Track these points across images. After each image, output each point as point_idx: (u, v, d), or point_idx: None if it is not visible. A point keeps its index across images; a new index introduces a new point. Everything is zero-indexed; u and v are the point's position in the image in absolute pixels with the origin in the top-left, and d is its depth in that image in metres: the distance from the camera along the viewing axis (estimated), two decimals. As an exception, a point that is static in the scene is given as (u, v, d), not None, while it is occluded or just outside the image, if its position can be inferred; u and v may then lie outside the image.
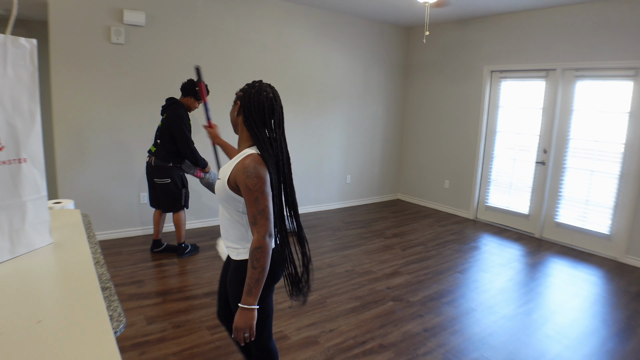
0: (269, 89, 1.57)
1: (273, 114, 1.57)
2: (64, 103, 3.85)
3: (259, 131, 1.55)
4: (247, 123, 1.57)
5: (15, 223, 1.13)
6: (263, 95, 1.55)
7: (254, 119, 1.55)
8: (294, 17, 5.15)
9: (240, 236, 1.62)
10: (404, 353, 2.54)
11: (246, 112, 1.56)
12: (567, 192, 4.75)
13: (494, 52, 5.27)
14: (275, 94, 1.59)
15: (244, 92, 1.58)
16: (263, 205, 1.49)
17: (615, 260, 4.32)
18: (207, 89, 2.72)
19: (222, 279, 1.86)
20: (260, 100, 1.54)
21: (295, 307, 3.05)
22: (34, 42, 1.14)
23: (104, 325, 0.84)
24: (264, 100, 1.54)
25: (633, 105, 4.15)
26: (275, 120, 1.58)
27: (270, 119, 1.57)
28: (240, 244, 1.63)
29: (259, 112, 1.55)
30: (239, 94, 1.61)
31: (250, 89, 1.57)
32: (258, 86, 1.57)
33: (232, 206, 1.58)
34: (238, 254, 1.63)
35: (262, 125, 1.57)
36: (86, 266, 1.13)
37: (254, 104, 1.55)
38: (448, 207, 6.05)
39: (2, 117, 1.07)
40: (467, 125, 5.66)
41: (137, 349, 2.44)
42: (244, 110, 1.57)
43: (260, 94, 1.55)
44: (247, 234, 1.61)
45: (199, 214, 4.80)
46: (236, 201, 1.56)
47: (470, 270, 3.95)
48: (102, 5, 3.91)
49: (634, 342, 2.77)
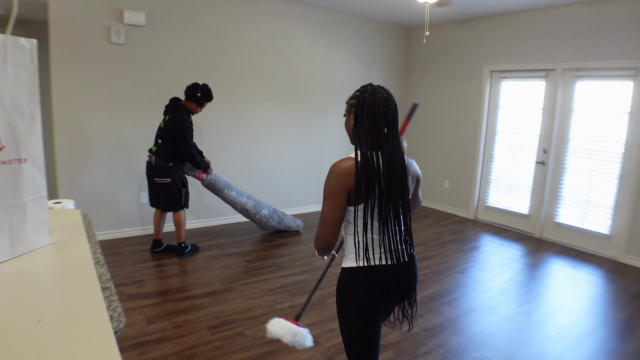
0: (382, 90, 1.49)
1: (386, 116, 1.47)
2: (64, 103, 3.85)
3: (369, 134, 1.46)
4: (361, 126, 1.47)
5: (15, 223, 1.13)
6: (379, 96, 1.47)
7: (369, 121, 1.46)
8: (294, 17, 5.15)
9: (344, 242, 1.60)
10: (404, 353, 2.54)
11: (358, 118, 1.48)
12: (567, 192, 4.75)
13: (494, 52, 5.27)
14: (389, 95, 1.50)
15: (357, 98, 1.50)
16: (323, 211, 1.49)
17: (615, 260, 4.32)
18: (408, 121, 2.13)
19: None
20: (375, 101, 1.46)
21: (295, 307, 3.05)
22: (34, 42, 1.14)
23: (104, 325, 0.84)
24: (382, 101, 1.47)
25: (633, 105, 4.15)
26: (390, 122, 1.48)
27: (385, 123, 1.47)
28: (345, 250, 1.60)
29: (374, 113, 1.46)
30: (352, 101, 1.52)
31: (364, 93, 1.48)
32: (371, 89, 1.49)
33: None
34: (344, 260, 1.59)
35: (375, 128, 1.46)
36: (86, 266, 1.13)
37: (369, 107, 1.46)
38: (448, 207, 6.05)
39: (2, 117, 1.07)
40: (467, 125, 5.66)
41: (137, 349, 2.44)
42: (358, 113, 1.48)
43: (375, 95, 1.47)
44: (347, 242, 1.57)
45: (199, 214, 4.80)
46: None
47: (470, 270, 3.95)
48: (102, 5, 3.91)
49: (634, 342, 2.77)
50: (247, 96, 4.92)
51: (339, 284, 1.60)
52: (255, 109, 5.02)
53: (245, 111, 4.94)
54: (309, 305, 3.09)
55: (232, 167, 4.92)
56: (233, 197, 4.13)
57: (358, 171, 1.42)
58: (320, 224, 1.50)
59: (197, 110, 3.80)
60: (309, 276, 3.61)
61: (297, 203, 5.64)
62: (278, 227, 4.64)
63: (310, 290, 2.54)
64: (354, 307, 1.54)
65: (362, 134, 1.46)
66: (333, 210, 1.46)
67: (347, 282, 1.55)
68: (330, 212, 1.46)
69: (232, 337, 2.63)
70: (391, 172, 1.45)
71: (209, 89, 3.75)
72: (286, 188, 5.48)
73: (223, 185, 4.06)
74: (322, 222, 1.49)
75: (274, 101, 5.15)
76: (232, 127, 4.88)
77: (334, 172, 1.45)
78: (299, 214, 5.59)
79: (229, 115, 4.81)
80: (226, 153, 4.86)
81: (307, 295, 3.22)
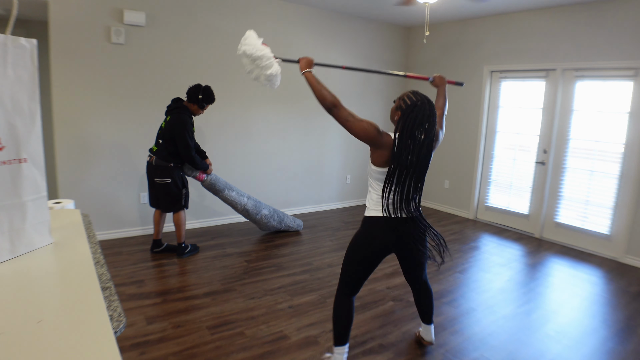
0: (427, 103, 1.92)
1: (427, 123, 1.91)
2: (64, 103, 3.85)
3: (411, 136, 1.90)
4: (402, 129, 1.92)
5: (15, 223, 1.13)
6: (425, 111, 1.90)
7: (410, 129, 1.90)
8: (294, 17, 5.15)
9: (368, 198, 2.12)
10: (404, 353, 2.54)
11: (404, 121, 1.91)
12: (567, 192, 4.75)
13: (494, 52, 5.27)
14: (433, 112, 1.92)
15: (406, 106, 1.93)
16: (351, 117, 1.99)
17: (615, 260, 4.32)
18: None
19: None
20: (420, 114, 1.90)
21: (295, 307, 3.05)
22: (34, 42, 1.14)
23: (104, 325, 0.84)
24: (427, 116, 1.90)
25: (633, 105, 4.15)
26: (428, 127, 1.92)
27: (420, 132, 1.91)
28: (368, 203, 2.12)
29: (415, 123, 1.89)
30: (402, 103, 1.96)
31: (415, 104, 1.91)
32: (420, 101, 1.92)
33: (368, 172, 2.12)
34: (366, 210, 2.13)
35: (411, 134, 1.90)
36: (86, 266, 1.13)
37: (413, 117, 1.90)
38: (448, 207, 6.05)
39: (2, 117, 1.07)
40: (467, 125, 5.66)
41: (137, 349, 2.44)
42: (403, 118, 1.92)
43: (422, 108, 1.90)
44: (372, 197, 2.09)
45: (199, 214, 4.80)
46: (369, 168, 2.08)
47: (470, 270, 3.95)
48: (102, 5, 3.91)
49: (633, 342, 2.77)
50: (247, 96, 4.92)
51: (361, 227, 2.14)
52: (255, 109, 5.02)
53: (245, 111, 4.94)
54: (309, 304, 3.09)
55: (232, 168, 4.92)
56: (233, 198, 4.13)
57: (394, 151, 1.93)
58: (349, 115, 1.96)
59: (199, 112, 3.80)
60: (309, 276, 3.61)
61: (297, 203, 5.64)
62: (278, 227, 4.64)
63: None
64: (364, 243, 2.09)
65: (401, 132, 1.92)
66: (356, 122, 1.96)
67: (366, 224, 2.10)
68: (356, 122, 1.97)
69: (232, 337, 2.63)
70: (415, 160, 1.93)
71: (211, 91, 3.75)
72: (286, 188, 5.48)
73: (223, 186, 4.06)
74: (350, 115, 1.96)
75: (274, 101, 5.15)
76: (232, 128, 4.88)
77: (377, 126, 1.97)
78: (299, 214, 5.59)
79: (229, 115, 4.81)
80: (226, 153, 4.86)
81: (307, 296, 3.22)
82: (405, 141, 1.91)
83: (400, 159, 1.91)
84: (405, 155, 1.91)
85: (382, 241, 2.09)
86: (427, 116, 1.90)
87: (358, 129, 1.95)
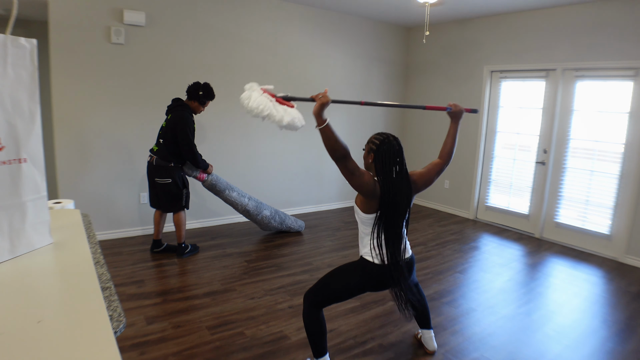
0: (394, 141, 2.05)
1: (398, 158, 2.04)
2: (64, 103, 3.85)
3: (388, 170, 2.02)
4: (377, 168, 2.04)
5: (15, 223, 1.13)
6: (393, 148, 2.03)
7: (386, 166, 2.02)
8: (294, 17, 5.15)
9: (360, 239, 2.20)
10: (404, 353, 2.54)
11: (379, 160, 2.03)
12: (567, 192, 4.75)
13: (494, 52, 5.27)
14: (400, 147, 2.06)
15: (377, 146, 2.05)
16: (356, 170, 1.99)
17: (615, 260, 4.32)
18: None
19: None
20: (390, 152, 2.02)
21: (295, 307, 3.05)
22: (34, 42, 1.14)
23: (104, 325, 0.84)
24: (395, 153, 2.03)
25: (633, 105, 4.15)
26: (400, 162, 2.04)
27: (397, 162, 2.03)
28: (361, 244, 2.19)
29: (389, 160, 2.02)
30: (372, 146, 2.07)
31: (382, 144, 2.04)
32: (387, 141, 2.04)
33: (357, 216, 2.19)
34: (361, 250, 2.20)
35: (392, 166, 2.02)
36: (86, 266, 1.13)
37: (386, 155, 2.02)
38: (448, 207, 6.05)
39: (2, 117, 1.07)
40: (467, 125, 5.66)
41: (137, 349, 2.44)
42: (377, 158, 2.04)
43: (391, 147, 2.03)
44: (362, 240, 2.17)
45: (199, 214, 4.80)
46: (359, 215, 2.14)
47: (470, 270, 3.95)
48: (102, 5, 3.91)
49: (634, 342, 2.77)
50: (247, 96, 4.91)
51: (353, 263, 2.22)
52: (255, 109, 5.01)
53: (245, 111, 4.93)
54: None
55: (232, 167, 4.92)
56: (234, 198, 4.13)
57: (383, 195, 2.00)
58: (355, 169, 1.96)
59: (200, 109, 3.80)
60: (309, 276, 3.61)
61: (298, 203, 5.64)
62: (280, 228, 4.64)
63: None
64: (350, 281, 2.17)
65: (380, 171, 2.03)
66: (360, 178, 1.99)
67: (358, 264, 2.17)
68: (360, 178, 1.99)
69: (232, 337, 2.63)
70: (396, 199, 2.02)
71: (210, 88, 3.75)
72: (286, 188, 5.48)
73: (224, 186, 4.06)
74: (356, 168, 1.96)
75: (274, 101, 5.14)
76: (233, 128, 4.87)
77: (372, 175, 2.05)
78: (300, 214, 5.59)
79: (229, 115, 4.81)
80: (226, 153, 4.86)
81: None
82: (387, 178, 2.01)
83: (389, 198, 2.00)
84: (392, 194, 2.00)
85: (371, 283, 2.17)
86: (396, 151, 2.03)
87: (361, 184, 1.99)
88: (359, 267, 2.17)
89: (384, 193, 1.99)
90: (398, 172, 2.03)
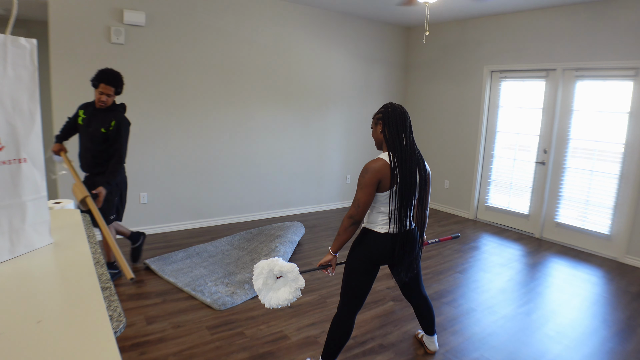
0: (398, 106, 2.08)
1: (405, 123, 2.05)
2: (64, 103, 3.85)
3: (398, 138, 2.02)
4: (389, 133, 2.03)
5: (15, 223, 1.13)
6: (398, 110, 2.05)
7: (395, 129, 2.03)
8: (294, 17, 5.15)
9: (369, 213, 2.14)
10: (404, 353, 2.54)
11: (388, 125, 2.04)
12: (567, 192, 4.75)
13: (494, 52, 5.27)
14: (404, 110, 2.08)
15: (382, 113, 2.07)
16: (358, 197, 2.00)
17: (615, 260, 4.32)
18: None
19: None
20: (397, 114, 2.04)
21: (295, 307, 3.05)
22: (34, 42, 1.14)
23: (104, 325, 0.84)
24: (401, 114, 2.05)
25: (633, 105, 4.15)
26: (408, 128, 2.06)
27: (405, 128, 2.04)
28: (368, 217, 2.14)
29: (397, 123, 2.03)
30: (379, 115, 2.09)
31: (387, 108, 2.07)
32: (391, 105, 2.07)
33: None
34: (366, 224, 2.16)
35: (401, 132, 2.03)
36: (86, 266, 1.13)
37: (392, 118, 2.04)
38: (448, 207, 6.05)
39: (2, 117, 1.07)
40: (467, 125, 5.66)
41: (137, 349, 2.44)
42: (386, 124, 2.05)
43: (396, 110, 2.05)
44: (372, 213, 2.11)
45: (199, 214, 4.80)
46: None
47: (470, 270, 3.95)
48: (102, 5, 3.91)
49: (634, 342, 2.77)
50: (246, 96, 4.92)
51: (355, 241, 2.17)
52: (255, 109, 5.02)
53: (245, 111, 4.94)
54: (309, 304, 3.09)
55: (232, 168, 4.92)
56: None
57: (393, 168, 1.98)
58: (355, 207, 2.01)
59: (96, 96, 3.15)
60: (309, 276, 3.60)
61: (297, 203, 5.64)
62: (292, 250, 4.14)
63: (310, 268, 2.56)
64: (361, 259, 2.11)
65: (390, 139, 2.03)
66: (367, 198, 1.99)
67: (363, 239, 2.12)
68: (365, 199, 1.99)
69: (232, 337, 2.63)
70: (406, 167, 2.01)
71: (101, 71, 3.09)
72: (286, 188, 5.48)
73: None
74: (356, 205, 2.00)
75: (273, 101, 5.15)
76: (232, 127, 4.87)
77: (369, 170, 1.98)
78: (300, 214, 5.58)
79: (229, 115, 4.80)
80: (226, 153, 4.86)
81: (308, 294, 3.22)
82: (398, 146, 2.02)
83: (402, 171, 1.99)
84: (405, 167, 2.00)
85: (381, 254, 2.12)
86: (402, 112, 2.06)
87: (376, 187, 2.00)
88: (362, 238, 2.13)
89: (396, 164, 1.98)
90: (407, 140, 2.03)
